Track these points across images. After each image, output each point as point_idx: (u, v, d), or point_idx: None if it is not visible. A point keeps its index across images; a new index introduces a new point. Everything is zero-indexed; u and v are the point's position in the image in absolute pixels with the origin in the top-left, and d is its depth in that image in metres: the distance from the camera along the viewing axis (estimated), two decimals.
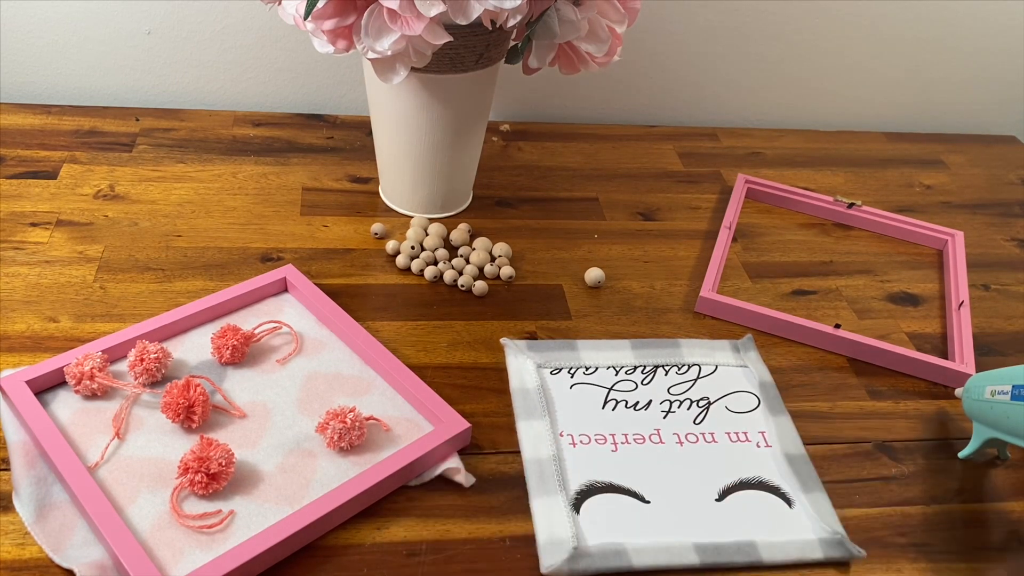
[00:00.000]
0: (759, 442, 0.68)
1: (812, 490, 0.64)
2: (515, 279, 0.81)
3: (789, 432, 0.68)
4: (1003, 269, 0.92)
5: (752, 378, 0.73)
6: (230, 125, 0.97)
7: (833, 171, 1.05)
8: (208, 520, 0.57)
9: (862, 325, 0.81)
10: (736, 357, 0.75)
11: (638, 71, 1.09)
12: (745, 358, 0.75)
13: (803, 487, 0.64)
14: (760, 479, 0.65)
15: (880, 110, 1.18)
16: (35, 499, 0.56)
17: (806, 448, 0.68)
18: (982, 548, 0.63)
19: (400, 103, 0.79)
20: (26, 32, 0.95)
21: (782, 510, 0.63)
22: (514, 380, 0.70)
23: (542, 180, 0.96)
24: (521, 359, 0.71)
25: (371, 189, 0.91)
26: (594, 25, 0.73)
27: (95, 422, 0.62)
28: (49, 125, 0.93)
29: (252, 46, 1.00)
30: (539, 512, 0.60)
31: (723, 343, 0.76)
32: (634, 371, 0.72)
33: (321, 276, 0.79)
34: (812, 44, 1.10)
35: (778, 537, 0.60)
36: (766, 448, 0.67)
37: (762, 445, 0.67)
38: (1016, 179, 1.09)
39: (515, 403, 0.68)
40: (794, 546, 0.60)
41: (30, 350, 0.67)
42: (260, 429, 0.64)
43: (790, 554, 0.59)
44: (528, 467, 0.63)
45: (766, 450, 0.67)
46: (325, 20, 0.67)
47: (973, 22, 1.11)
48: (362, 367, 0.69)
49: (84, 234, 0.79)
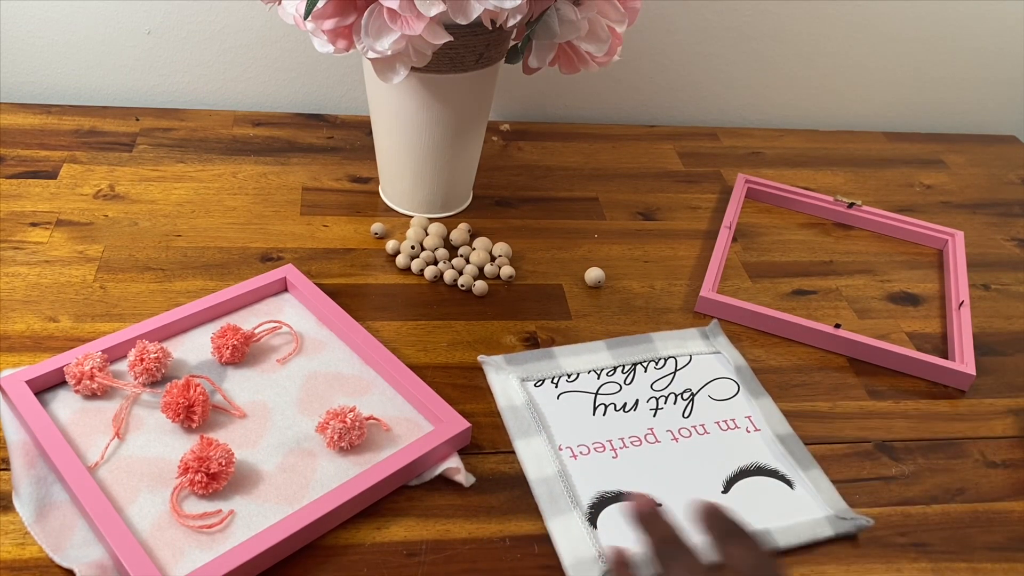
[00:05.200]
0: (748, 427, 0.69)
1: (808, 468, 0.65)
2: (515, 279, 0.81)
3: (773, 413, 0.70)
4: (1003, 269, 0.92)
5: (726, 363, 0.74)
6: (230, 125, 0.97)
7: (833, 171, 1.05)
8: (208, 520, 0.57)
9: (862, 325, 0.81)
10: (707, 344, 0.76)
11: (638, 71, 1.09)
12: (716, 343, 0.76)
13: (800, 466, 0.65)
14: (758, 464, 0.66)
15: (880, 110, 1.18)
16: (35, 499, 0.56)
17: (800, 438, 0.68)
18: (982, 548, 0.63)
19: (400, 103, 0.79)
20: (26, 32, 0.95)
21: (785, 493, 0.64)
22: (500, 399, 0.68)
23: (542, 180, 0.96)
24: (503, 376, 0.70)
25: (371, 189, 0.91)
26: (594, 25, 0.73)
27: (95, 422, 0.62)
28: (49, 125, 0.93)
29: (252, 46, 1.00)
30: (558, 533, 0.59)
31: (692, 332, 0.77)
32: (614, 372, 0.72)
33: (321, 276, 0.79)
34: (812, 44, 1.10)
35: (788, 520, 0.61)
36: (756, 432, 0.68)
37: (751, 430, 0.68)
38: (1016, 179, 1.09)
39: (507, 422, 0.66)
40: (805, 527, 0.61)
41: (30, 350, 0.67)
42: (260, 429, 0.64)
43: (802, 536, 0.61)
44: (536, 488, 0.62)
45: (756, 434, 0.68)
46: (325, 20, 0.67)
47: (973, 22, 1.11)
48: (362, 367, 0.69)
49: (84, 234, 0.79)
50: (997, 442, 0.71)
